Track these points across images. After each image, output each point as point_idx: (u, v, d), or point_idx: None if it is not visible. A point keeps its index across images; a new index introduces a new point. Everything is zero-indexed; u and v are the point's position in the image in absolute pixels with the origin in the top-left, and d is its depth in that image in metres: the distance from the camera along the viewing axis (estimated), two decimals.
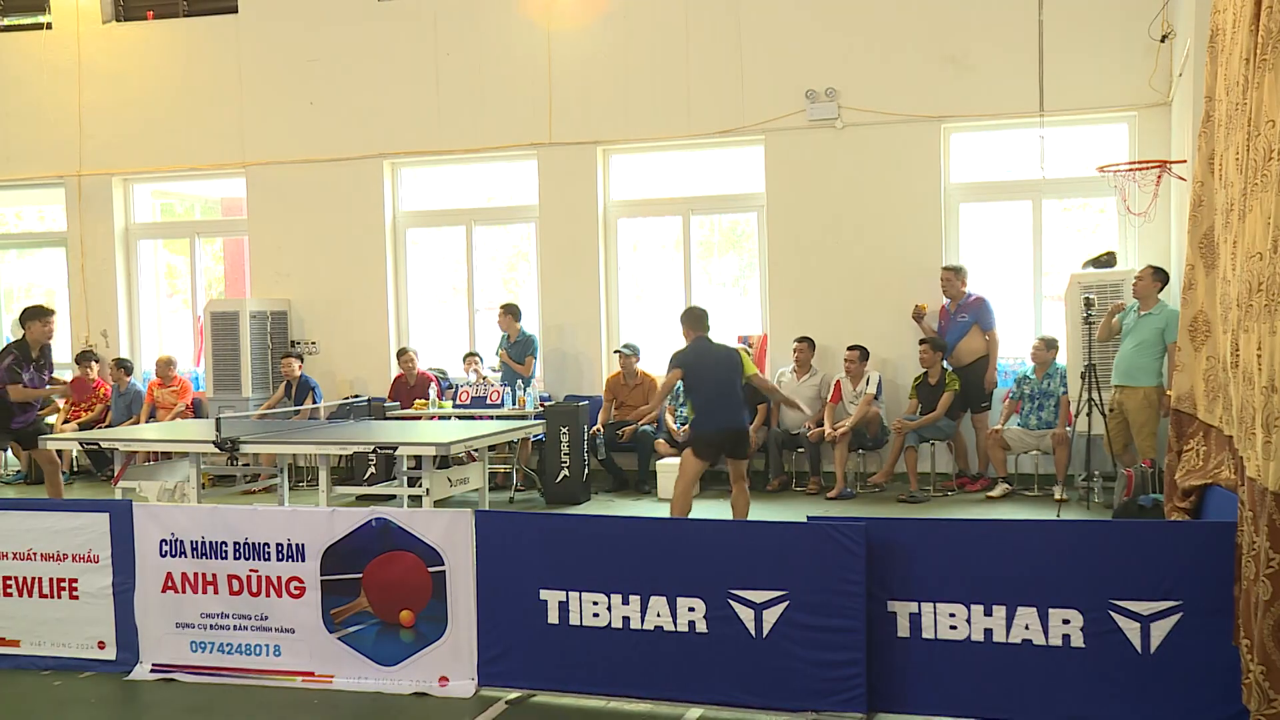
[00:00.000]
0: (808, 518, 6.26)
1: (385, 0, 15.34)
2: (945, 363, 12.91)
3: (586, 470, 13.00)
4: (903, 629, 6.01)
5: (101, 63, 16.61)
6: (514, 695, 6.62)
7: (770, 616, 6.10)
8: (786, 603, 6.07)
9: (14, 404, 11.75)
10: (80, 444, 12.20)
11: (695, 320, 10.19)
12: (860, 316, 13.40)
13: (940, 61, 13.33)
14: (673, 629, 6.28)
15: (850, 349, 12.99)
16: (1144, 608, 5.71)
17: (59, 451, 12.67)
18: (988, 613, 5.90)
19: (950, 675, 5.98)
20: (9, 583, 7.64)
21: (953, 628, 5.94)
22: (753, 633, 6.13)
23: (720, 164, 14.79)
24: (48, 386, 11.98)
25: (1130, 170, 11.89)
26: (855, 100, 13.49)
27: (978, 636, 5.92)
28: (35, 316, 11.84)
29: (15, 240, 18.35)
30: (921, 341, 12.89)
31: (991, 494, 12.48)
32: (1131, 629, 5.73)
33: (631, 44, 14.31)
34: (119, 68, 16.55)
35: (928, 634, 5.98)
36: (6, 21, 17.26)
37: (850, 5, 13.62)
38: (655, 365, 13.99)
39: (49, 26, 16.93)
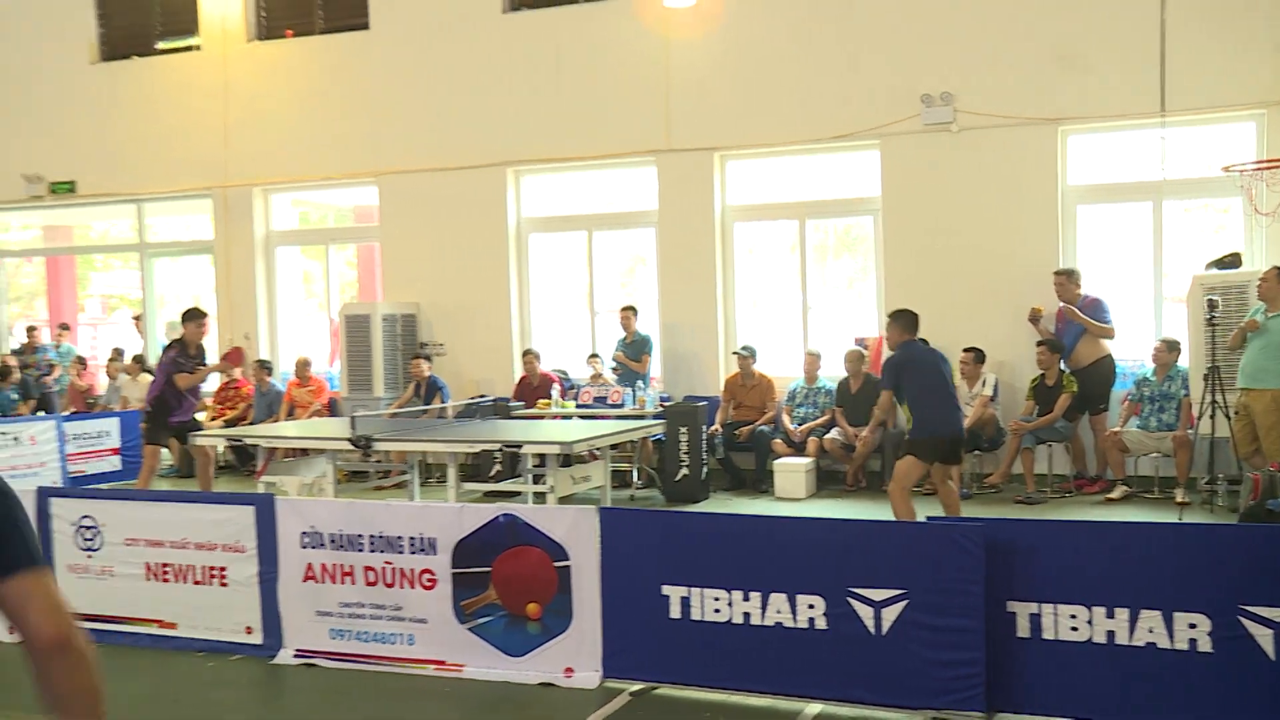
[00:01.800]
0: (927, 518, 6.16)
1: (509, 14, 15.44)
2: (1063, 365, 12.63)
3: (705, 469, 12.92)
4: (1022, 629, 5.86)
5: (245, 80, 16.92)
6: (637, 687, 6.58)
7: (889, 615, 5.99)
8: (905, 601, 5.96)
9: (173, 400, 12.05)
10: (227, 441, 12.46)
11: (909, 323, 9.75)
12: (976, 319, 13.13)
13: (1056, 63, 12.97)
14: (792, 625, 6.19)
15: (966, 351, 12.75)
16: (1278, 614, 5.50)
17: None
18: (1110, 615, 5.71)
19: (1071, 676, 5.80)
20: (166, 569, 7.84)
21: (1074, 629, 5.77)
22: (872, 630, 6.03)
23: (836, 169, 14.58)
24: (205, 366, 12.40)
25: (1258, 169, 11.51)
26: (970, 104, 13.23)
27: (1099, 638, 5.74)
28: (192, 318, 12.31)
29: (166, 248, 18.71)
30: (1039, 343, 12.61)
31: (1110, 496, 12.13)
32: (1264, 635, 5.49)
33: (748, 51, 14.20)
34: (261, 84, 16.84)
35: (1048, 635, 5.81)
36: (162, 45, 17.66)
37: (965, 9, 13.35)
38: (771, 366, 13.92)
39: (198, 48, 17.31)
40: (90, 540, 8.06)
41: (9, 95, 18.52)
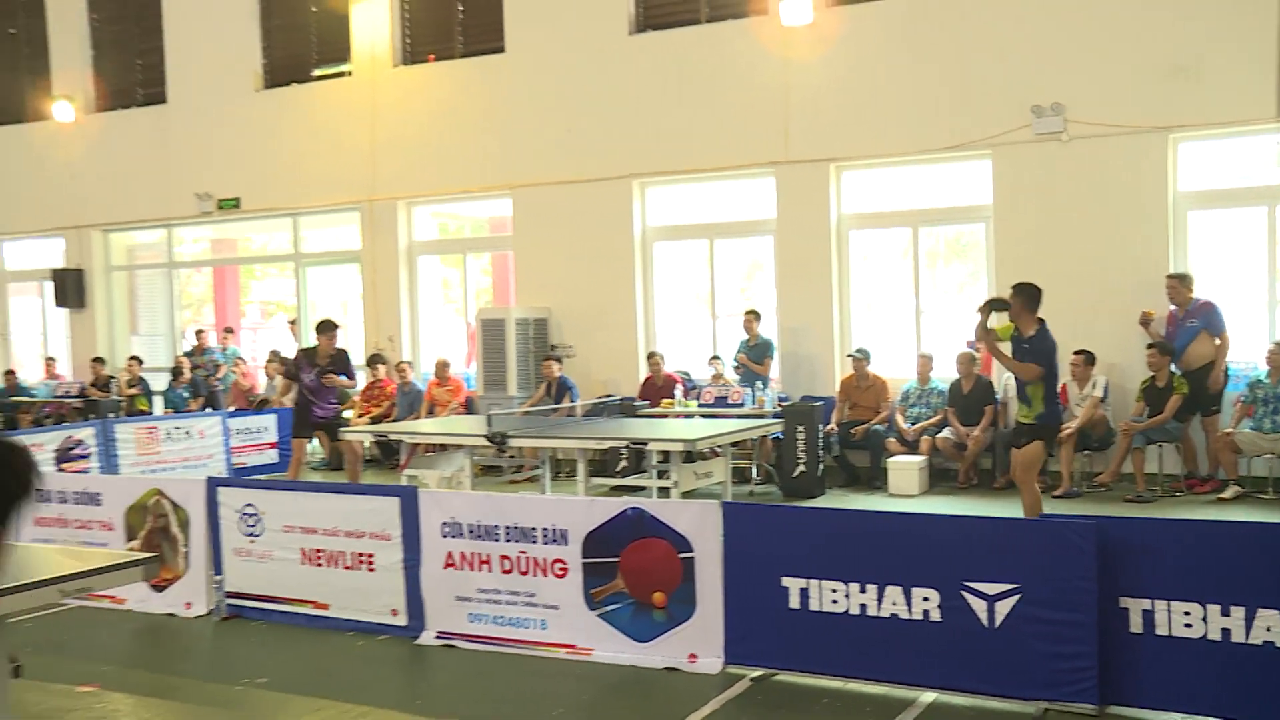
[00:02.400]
0: (1039, 515, 6.03)
1: (634, 35, 15.46)
2: (1174, 367, 12.28)
3: (821, 466, 12.79)
4: (1135, 625, 5.69)
5: (391, 102, 17.16)
6: (757, 674, 6.54)
7: (1002, 608, 5.86)
8: (1019, 595, 5.83)
9: (310, 399, 12.26)
10: (372, 436, 12.65)
11: (1035, 299, 9.10)
12: (1086, 322, 12.75)
13: (1168, 71, 12.54)
14: (908, 617, 6.10)
15: (1076, 353, 12.43)
16: None
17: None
18: (1225, 613, 5.52)
19: (1185, 672, 5.63)
20: (320, 555, 7.98)
21: (1188, 626, 5.59)
22: (985, 623, 5.90)
23: (948, 178, 14.32)
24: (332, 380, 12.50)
25: None
26: (1081, 113, 12.87)
27: (1214, 636, 5.54)
28: (324, 330, 12.48)
29: (319, 258, 19.06)
30: (1149, 346, 12.26)
31: (1222, 496, 11.69)
32: None
33: (862, 66, 14.02)
34: (405, 106, 17.06)
35: (1161, 631, 5.64)
36: (317, 72, 18.01)
37: (1075, 21, 12.98)
38: (885, 368, 13.77)
39: (349, 74, 17.61)
40: (252, 527, 8.23)
41: (184, 122, 19.06)
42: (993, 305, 9.40)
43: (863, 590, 6.23)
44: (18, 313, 22.15)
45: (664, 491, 10.74)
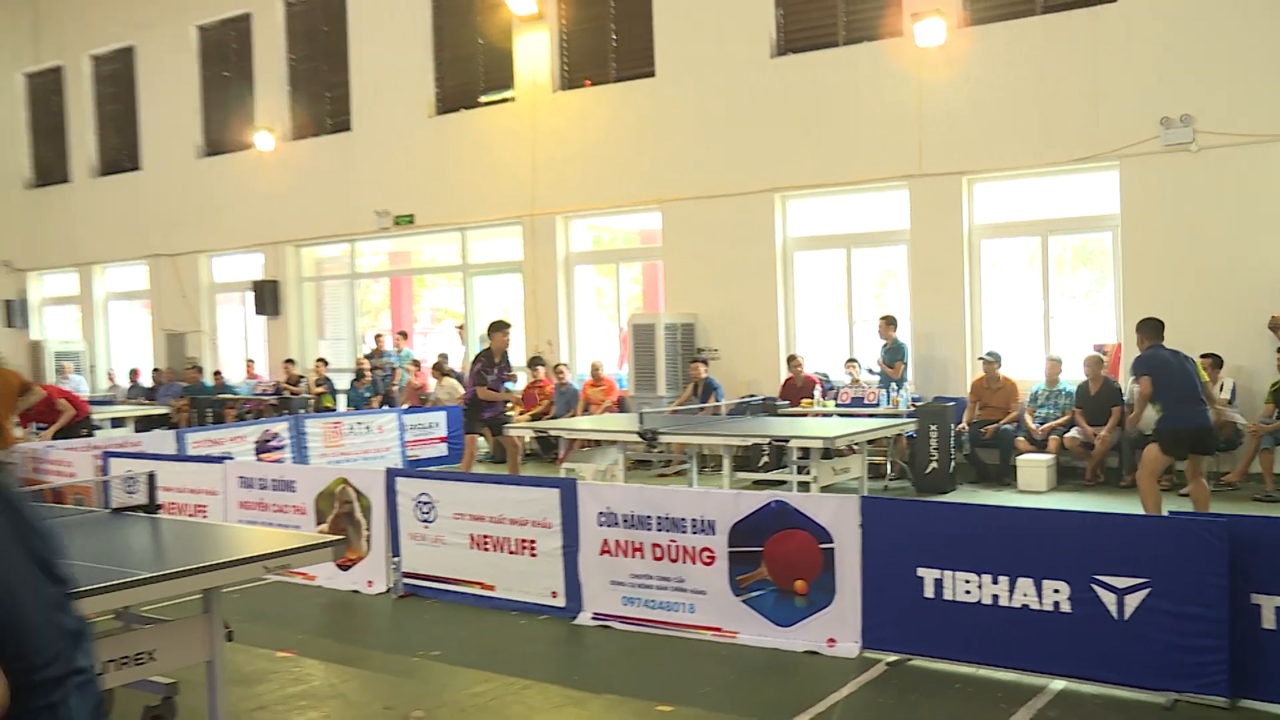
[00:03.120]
0: (1169, 512, 5.83)
1: (775, 59, 15.38)
2: None
3: (953, 463, 12.57)
4: (1268, 621, 5.43)
5: (550, 124, 17.34)
6: (893, 658, 6.44)
7: (1132, 601, 5.66)
8: (1148, 590, 5.62)
9: (481, 400, 12.42)
10: (533, 432, 12.78)
11: (1154, 330, 9.46)
12: (1213, 326, 12.26)
13: None
14: (1038, 608, 5.94)
15: (1203, 357, 11.94)
16: None
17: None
18: None
19: None
20: (487, 540, 8.08)
21: None
22: (1114, 615, 5.71)
23: (1076, 188, 13.89)
24: (505, 390, 12.59)
25: None
26: (1210, 124, 12.39)
27: None
28: (498, 329, 12.54)
29: (484, 268, 19.34)
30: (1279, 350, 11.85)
31: None
32: None
33: (992, 82, 13.74)
34: (563, 127, 17.23)
35: None
36: (483, 99, 18.30)
37: (1202, 34, 12.53)
38: (1014, 370, 13.47)
39: (513, 99, 17.84)
40: (426, 514, 8.38)
41: (365, 147, 19.55)
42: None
43: (995, 581, 6.09)
44: (224, 320, 22.93)
45: (804, 486, 10.68)
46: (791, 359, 14.75)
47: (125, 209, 23.49)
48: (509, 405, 13.52)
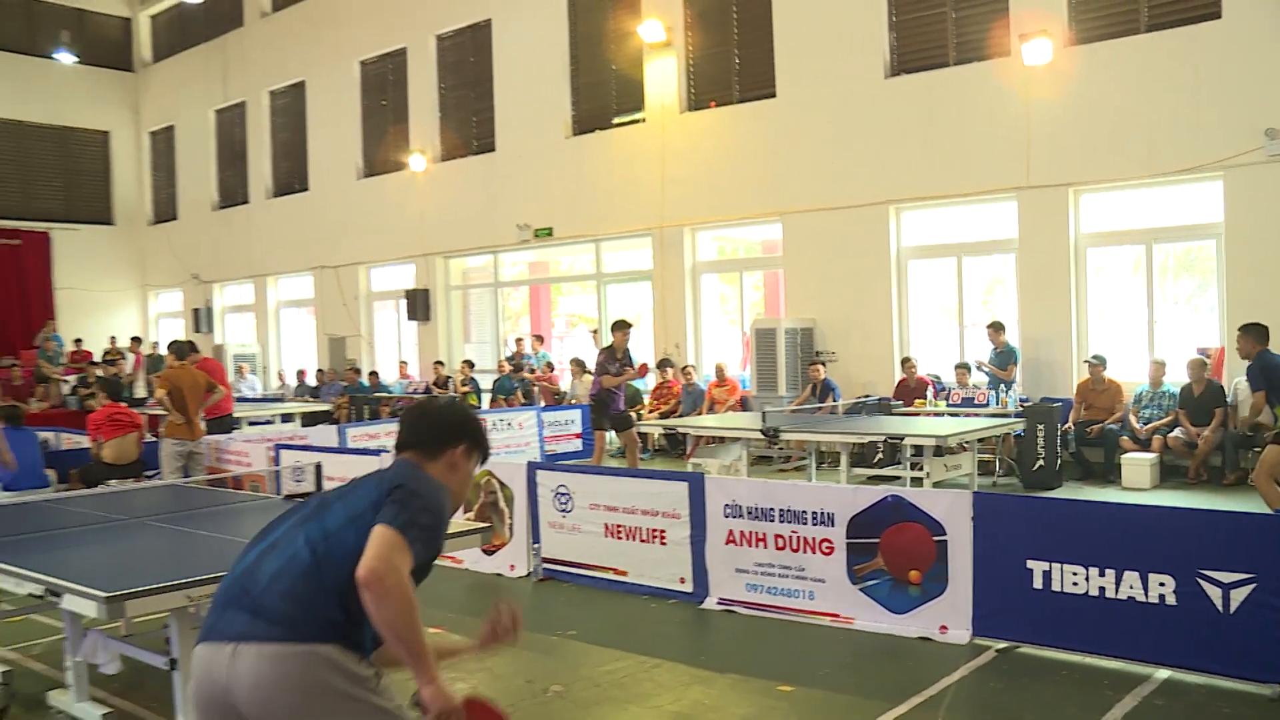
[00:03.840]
0: (1275, 510, 5.59)
1: (889, 79, 15.17)
2: None
3: (1059, 461, 12.24)
4: None
5: (678, 142, 17.37)
6: (1002, 645, 6.31)
7: (1238, 596, 5.45)
8: (1254, 585, 5.40)
9: (607, 394, 12.47)
10: (662, 428, 12.79)
11: (1260, 334, 9.32)
12: None
13: None
14: (1144, 600, 5.75)
15: None
16: None
17: (645, 434, 13.42)
18: None
19: None
20: (620, 529, 8.12)
21: None
22: (1220, 608, 5.50)
23: (1179, 197, 13.39)
24: (628, 370, 12.64)
25: None
26: None
27: None
28: (619, 328, 12.65)
29: (616, 277, 19.43)
30: None
31: None
32: None
33: (1098, 97, 13.31)
34: (690, 145, 17.24)
35: None
36: (616, 120, 18.41)
37: None
38: (1119, 373, 13.07)
39: (643, 120, 17.91)
40: (564, 504, 8.45)
41: (508, 166, 19.84)
42: None
43: (1101, 574, 5.91)
44: (379, 325, 23.45)
45: (916, 481, 10.52)
46: (905, 361, 14.53)
47: (295, 226, 24.23)
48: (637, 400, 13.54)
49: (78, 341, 24.49)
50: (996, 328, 13.78)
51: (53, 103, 27.20)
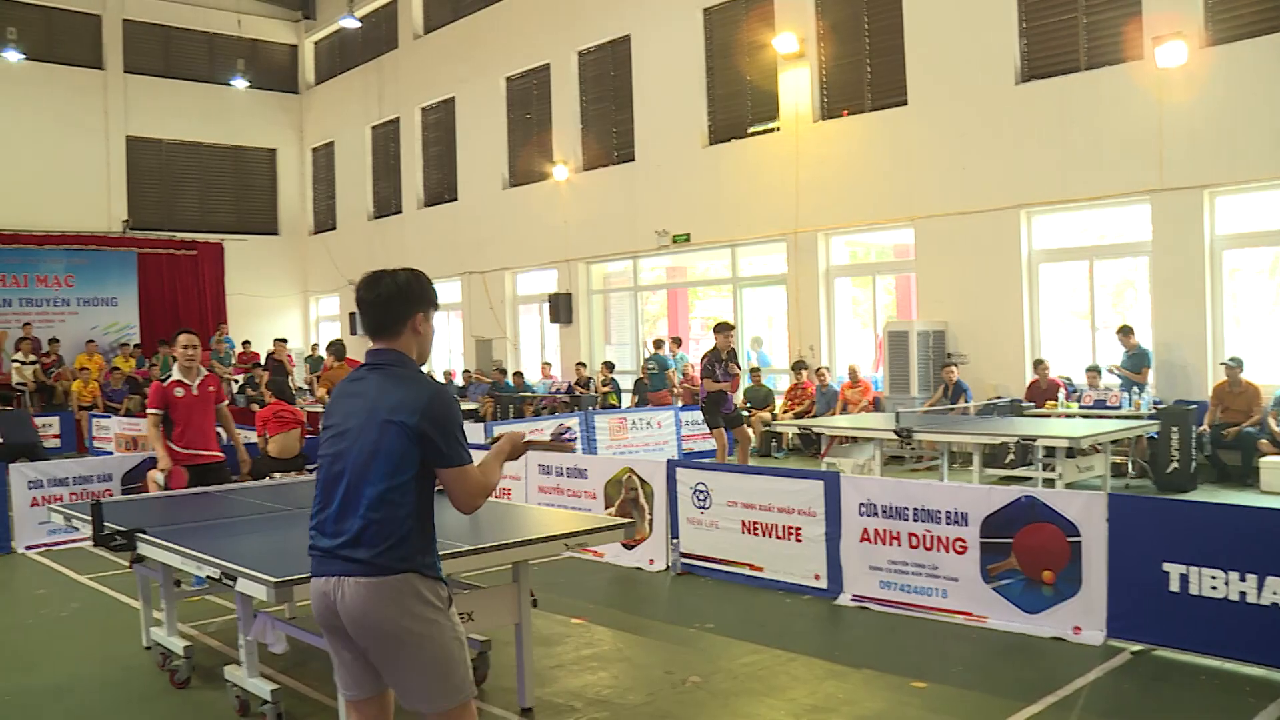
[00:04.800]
0: None
1: (1020, 85, 14.80)
2: None
3: (1194, 464, 11.79)
4: None
5: (812, 150, 17.23)
6: (1137, 648, 6.10)
7: None
8: None
9: (720, 394, 12.45)
10: (796, 428, 12.71)
11: None
12: None
13: None
14: None
15: None
16: None
17: (779, 434, 13.36)
18: None
19: None
20: (756, 526, 8.11)
21: None
22: None
23: None
24: (723, 382, 12.59)
25: None
26: None
27: None
28: (722, 330, 12.78)
29: (751, 281, 19.37)
30: None
31: None
32: None
33: (1233, 98, 12.74)
34: (823, 153, 17.09)
35: None
36: (751, 129, 18.36)
37: None
38: (1257, 375, 12.51)
39: (778, 129, 17.83)
40: (702, 501, 8.47)
41: (646, 175, 19.96)
42: None
43: (1243, 579, 5.67)
44: (524, 327, 23.83)
45: (1048, 482, 10.24)
46: (1038, 363, 14.16)
47: (444, 234, 24.79)
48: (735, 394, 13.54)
49: (246, 343, 25.48)
50: (1126, 331, 13.36)
51: (227, 124, 28.44)
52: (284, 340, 24.33)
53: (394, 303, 3.67)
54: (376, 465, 3.46)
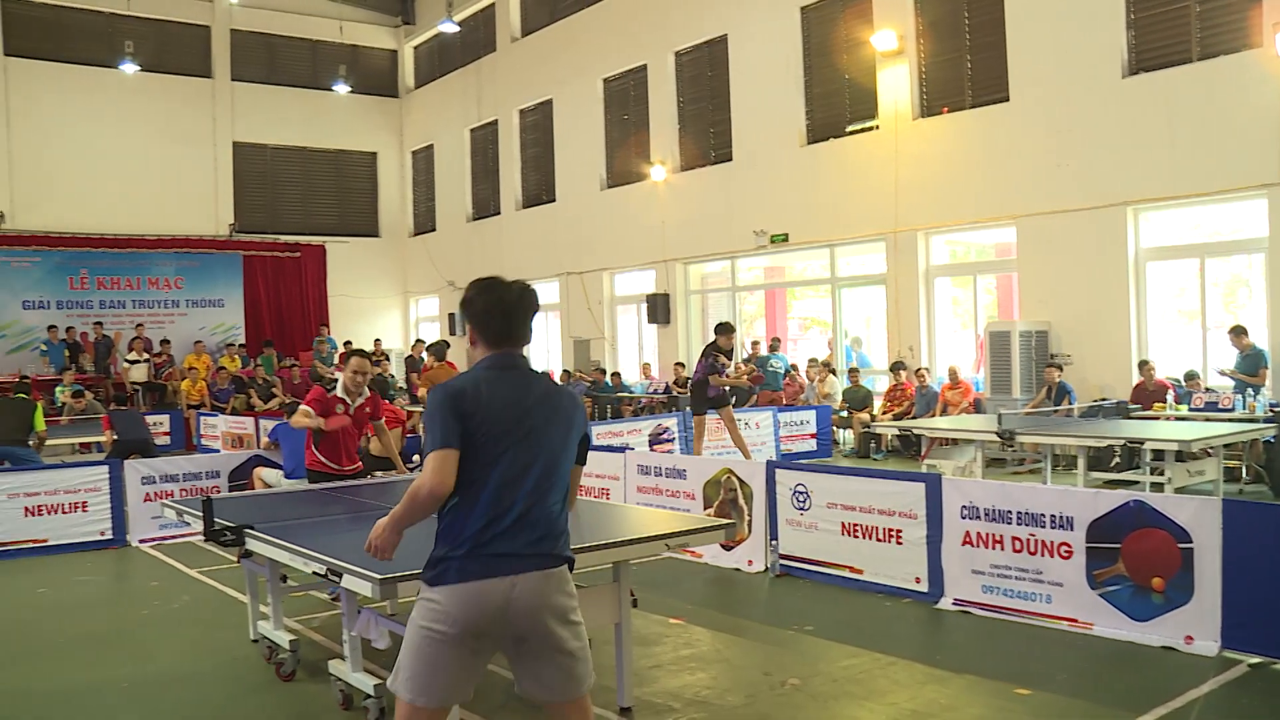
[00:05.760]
0: None
1: (1127, 78, 14.44)
2: None
3: None
4: None
5: (911, 149, 17.04)
6: (1255, 660, 5.91)
7: None
8: None
9: (702, 383, 13.32)
10: (896, 429, 12.59)
11: None
12: None
13: None
14: None
15: None
16: None
17: (878, 435, 13.31)
18: None
19: None
20: (856, 528, 8.06)
21: None
22: None
23: None
24: (726, 376, 13.57)
25: None
26: None
27: None
28: (723, 331, 13.51)
29: (850, 281, 19.22)
30: None
31: None
32: None
33: None
34: (923, 151, 16.89)
35: None
36: (849, 128, 18.23)
37: None
38: None
39: (877, 128, 17.68)
40: (802, 502, 8.44)
41: (744, 175, 19.94)
42: None
43: None
44: (622, 328, 23.95)
45: (1156, 487, 9.99)
46: (1144, 364, 13.82)
47: (542, 235, 25.04)
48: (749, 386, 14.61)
49: (347, 344, 26.02)
50: (1239, 331, 12.95)
51: (330, 129, 29.13)
52: (379, 342, 24.81)
53: (534, 312, 3.83)
54: (565, 463, 3.75)
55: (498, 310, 3.73)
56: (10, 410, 12.84)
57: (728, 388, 13.81)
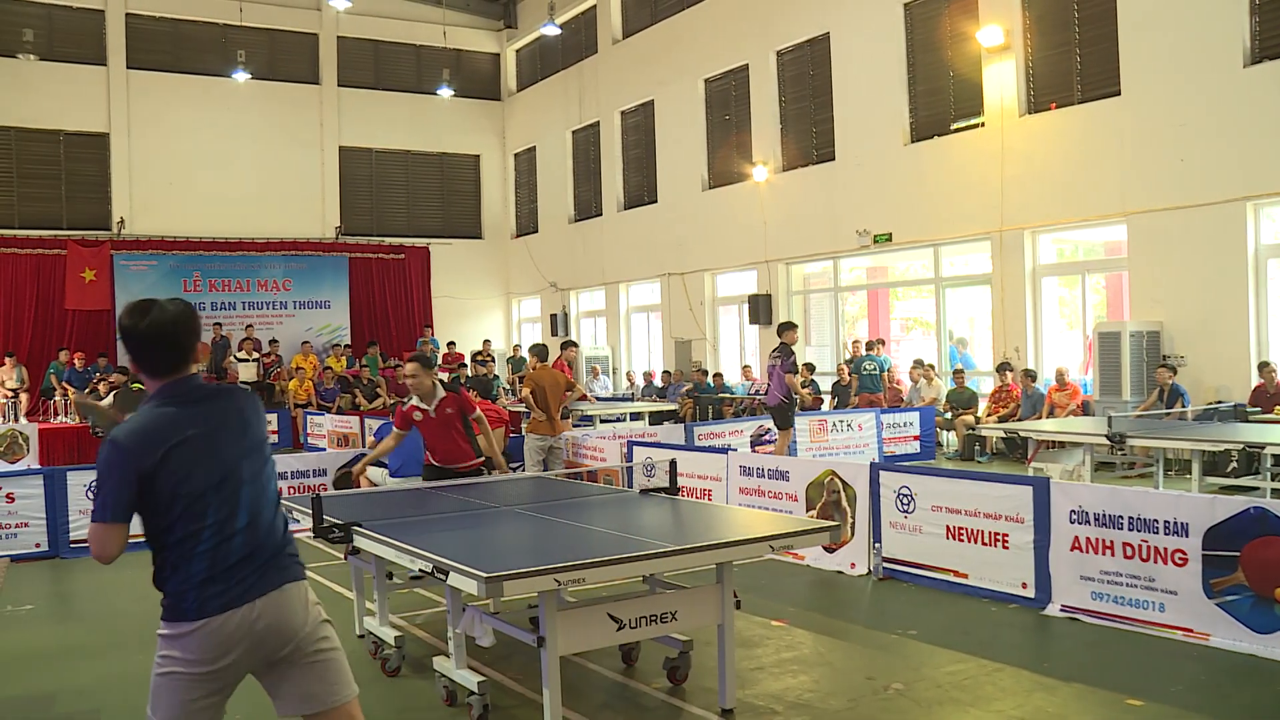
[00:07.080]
0: None
1: (1249, 68, 13.93)
2: None
3: None
4: None
5: (1018, 146, 16.72)
6: None
7: None
8: None
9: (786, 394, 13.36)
10: (1001, 432, 12.39)
11: None
12: None
13: None
14: None
15: None
16: None
17: (984, 438, 13.09)
18: None
19: None
20: (961, 532, 7.97)
21: None
22: None
23: None
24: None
25: None
26: None
27: None
28: (788, 329, 13.71)
29: (955, 281, 18.94)
30: None
31: None
32: None
33: None
34: (1030, 148, 16.56)
35: None
36: (954, 126, 17.97)
37: None
38: None
39: (982, 125, 17.40)
40: (906, 505, 8.37)
41: (847, 174, 19.77)
42: None
43: None
44: (723, 329, 23.90)
45: (1276, 493, 9.67)
46: (1264, 366, 13.35)
47: (644, 236, 25.14)
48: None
49: (450, 344, 26.46)
50: None
51: (434, 132, 29.65)
52: (488, 341, 25.16)
53: (198, 331, 3.59)
54: (265, 468, 3.65)
55: (166, 335, 3.42)
56: (132, 401, 13.33)
57: (796, 394, 13.78)
